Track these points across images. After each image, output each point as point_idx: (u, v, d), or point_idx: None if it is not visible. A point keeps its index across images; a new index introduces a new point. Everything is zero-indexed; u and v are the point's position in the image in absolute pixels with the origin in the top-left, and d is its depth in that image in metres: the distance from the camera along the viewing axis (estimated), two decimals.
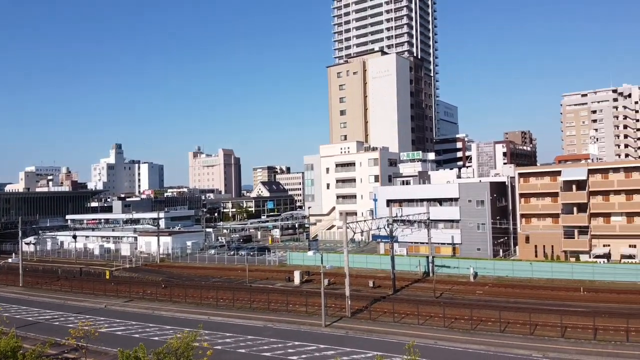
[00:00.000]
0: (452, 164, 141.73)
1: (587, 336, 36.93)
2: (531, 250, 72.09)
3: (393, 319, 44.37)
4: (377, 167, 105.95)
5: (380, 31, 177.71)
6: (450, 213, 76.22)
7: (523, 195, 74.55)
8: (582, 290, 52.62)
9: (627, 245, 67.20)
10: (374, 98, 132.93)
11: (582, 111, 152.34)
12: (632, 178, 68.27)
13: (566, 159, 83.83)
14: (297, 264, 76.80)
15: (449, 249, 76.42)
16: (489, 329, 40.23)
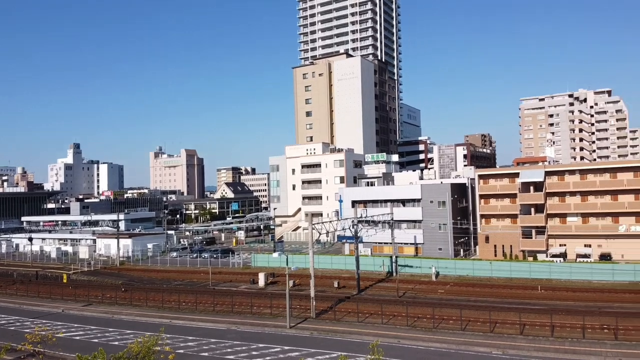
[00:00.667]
0: (415, 165, 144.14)
1: (545, 333, 38.11)
2: (491, 249, 74.03)
3: (357, 318, 44.66)
4: (342, 168, 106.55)
5: (346, 33, 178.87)
6: (413, 214, 77.49)
7: (483, 197, 76.51)
8: (539, 289, 54.32)
9: (582, 244, 69.91)
10: (339, 100, 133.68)
11: (540, 115, 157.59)
12: (587, 180, 71.11)
13: (524, 162, 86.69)
14: (262, 266, 76.29)
15: (411, 248, 77.62)
16: (450, 327, 41.02)
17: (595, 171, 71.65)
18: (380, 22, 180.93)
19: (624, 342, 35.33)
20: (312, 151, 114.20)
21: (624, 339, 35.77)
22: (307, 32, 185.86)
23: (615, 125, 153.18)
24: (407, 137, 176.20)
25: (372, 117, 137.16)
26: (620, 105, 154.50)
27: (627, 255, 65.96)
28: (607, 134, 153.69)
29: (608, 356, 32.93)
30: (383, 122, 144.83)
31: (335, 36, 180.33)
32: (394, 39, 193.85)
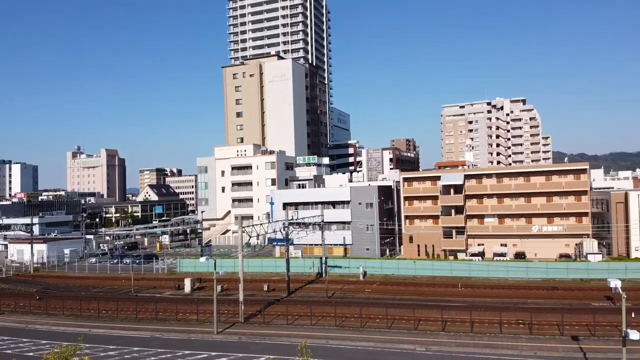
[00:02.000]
0: (344, 168, 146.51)
1: (465, 329, 40.00)
2: (415, 249, 76.83)
3: (286, 321, 44.58)
4: (274, 170, 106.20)
5: (277, 35, 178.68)
6: (343, 215, 78.85)
7: (407, 198, 79.36)
8: (460, 286, 57.01)
9: (498, 244, 74.30)
10: (270, 101, 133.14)
11: (460, 121, 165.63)
12: (503, 183, 75.72)
13: (445, 165, 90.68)
14: (188, 271, 74.19)
15: (341, 249, 78.86)
16: (377, 325, 42.02)
17: (510, 175, 76.49)
18: (311, 26, 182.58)
19: (538, 336, 37.72)
20: (242, 153, 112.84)
21: (538, 333, 38.20)
22: (237, 31, 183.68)
23: (529, 131, 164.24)
24: (338, 140, 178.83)
25: (303, 120, 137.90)
26: (533, 113, 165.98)
27: (540, 254, 70.91)
28: (522, 140, 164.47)
29: (524, 350, 35.05)
30: (314, 125, 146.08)
31: (266, 37, 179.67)
32: (324, 43, 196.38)
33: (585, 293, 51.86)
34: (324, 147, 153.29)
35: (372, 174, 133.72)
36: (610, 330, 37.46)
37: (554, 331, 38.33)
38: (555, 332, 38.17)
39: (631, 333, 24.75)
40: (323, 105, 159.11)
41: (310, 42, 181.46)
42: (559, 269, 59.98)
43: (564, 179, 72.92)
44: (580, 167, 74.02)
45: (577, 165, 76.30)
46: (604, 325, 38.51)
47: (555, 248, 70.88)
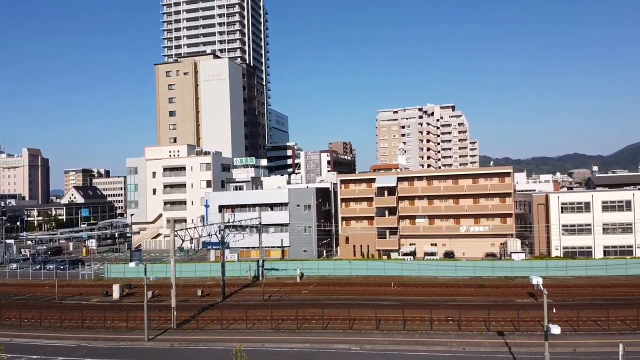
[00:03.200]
0: (283, 170, 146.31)
1: (398, 327, 40.98)
2: (350, 250, 78.00)
3: (221, 326, 43.73)
4: (209, 172, 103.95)
5: (213, 34, 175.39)
6: (281, 217, 78.62)
7: (344, 200, 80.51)
8: (393, 285, 58.41)
9: (429, 243, 76.99)
10: (206, 101, 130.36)
11: (394, 126, 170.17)
12: (433, 185, 78.61)
13: (380, 168, 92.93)
14: (116, 277, 70.97)
15: (278, 252, 78.54)
16: (313, 326, 42.17)
17: (440, 178, 79.58)
18: (249, 26, 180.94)
19: (466, 332, 39.32)
20: (175, 153, 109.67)
21: (466, 329, 39.80)
22: (171, 28, 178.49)
23: (457, 136, 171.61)
24: (276, 142, 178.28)
25: (240, 121, 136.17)
26: (462, 119, 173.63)
27: (467, 253, 74.18)
28: (451, 145, 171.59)
29: (453, 345, 36.41)
30: (252, 126, 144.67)
31: (202, 35, 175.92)
32: (262, 44, 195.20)
33: (509, 290, 54.72)
34: (262, 149, 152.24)
35: (311, 176, 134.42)
36: (533, 325, 39.72)
37: (481, 327, 40.13)
38: (482, 328, 39.98)
39: (552, 328, 26.25)
40: (261, 106, 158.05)
41: (248, 42, 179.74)
42: (485, 267, 62.98)
43: (490, 181, 76.85)
44: (505, 170, 78.35)
45: (501, 168, 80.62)
46: (527, 320, 40.80)
47: (481, 247, 74.47)
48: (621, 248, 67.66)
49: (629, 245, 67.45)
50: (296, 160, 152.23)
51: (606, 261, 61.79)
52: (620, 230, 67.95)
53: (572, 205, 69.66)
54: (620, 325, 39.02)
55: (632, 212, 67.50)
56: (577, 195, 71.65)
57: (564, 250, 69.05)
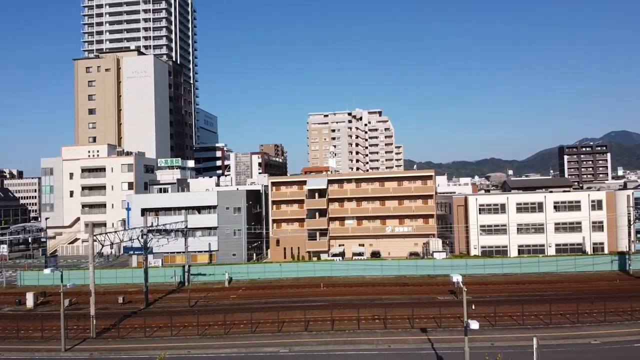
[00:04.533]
0: (211, 172, 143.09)
1: (327, 327, 41.35)
2: (281, 252, 77.78)
3: (144, 334, 41.93)
4: (131, 173, 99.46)
5: (137, 30, 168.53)
6: (209, 220, 76.76)
7: (275, 202, 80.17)
8: (322, 286, 58.94)
9: (357, 244, 78.49)
10: (129, 99, 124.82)
11: (324, 129, 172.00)
12: (362, 188, 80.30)
13: (311, 171, 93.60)
14: (30, 285, 66.13)
15: (206, 256, 76.63)
16: (241, 331, 41.52)
17: (368, 180, 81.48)
18: (176, 23, 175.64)
19: (392, 329, 40.40)
20: (95, 153, 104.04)
21: (391, 327, 40.90)
22: (93, 22, 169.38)
23: (384, 141, 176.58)
24: (204, 143, 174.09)
25: (166, 120, 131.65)
26: (388, 124, 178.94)
27: (393, 253, 76.42)
28: (378, 149, 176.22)
29: (379, 344, 37.27)
30: (178, 126, 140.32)
31: (126, 31, 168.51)
32: (190, 42, 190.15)
33: (432, 288, 56.96)
34: (189, 150, 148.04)
35: (241, 178, 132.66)
36: (454, 322, 41.52)
37: (406, 324, 41.42)
38: (407, 325, 41.27)
39: (472, 323, 27.54)
40: (188, 105, 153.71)
41: (175, 39, 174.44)
42: (409, 266, 65.17)
43: (414, 184, 79.79)
44: (427, 174, 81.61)
45: (424, 172, 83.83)
46: (448, 317, 42.63)
47: (406, 247, 77.05)
48: (534, 247, 72.58)
49: (540, 245, 72.50)
50: (226, 162, 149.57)
51: (520, 259, 66.04)
52: (533, 231, 72.89)
53: (489, 207, 73.82)
54: (534, 320, 41.73)
55: (543, 213, 72.63)
56: (494, 198, 76.02)
57: (482, 249, 72.98)
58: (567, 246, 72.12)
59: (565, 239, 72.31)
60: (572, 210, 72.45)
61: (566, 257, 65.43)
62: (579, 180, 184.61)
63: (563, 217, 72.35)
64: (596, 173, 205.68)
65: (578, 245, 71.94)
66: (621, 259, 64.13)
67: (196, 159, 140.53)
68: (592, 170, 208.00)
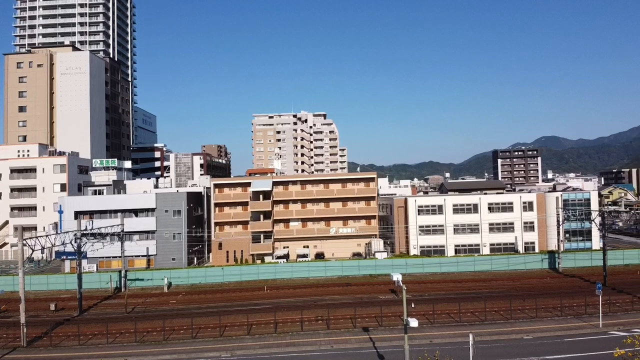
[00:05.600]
0: (150, 173, 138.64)
1: (270, 330, 41.09)
2: (223, 255, 76.53)
3: (79, 341, 39.98)
4: (64, 174, 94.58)
5: (73, 24, 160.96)
6: (147, 224, 74.17)
7: (218, 205, 78.76)
8: (265, 289, 58.56)
9: (302, 246, 78.62)
10: (63, 96, 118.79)
11: (269, 131, 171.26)
12: (307, 189, 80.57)
13: (255, 172, 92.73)
14: None
15: (143, 261, 74.02)
16: (181, 337, 40.48)
17: (313, 182, 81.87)
18: (114, 19, 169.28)
19: (335, 330, 40.72)
20: (25, 153, 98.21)
21: (334, 328, 41.23)
22: (25, 16, 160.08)
23: (329, 143, 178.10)
24: (142, 143, 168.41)
25: (102, 119, 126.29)
26: (333, 127, 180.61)
27: (337, 254, 77.21)
28: (323, 151, 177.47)
29: (322, 344, 37.45)
30: (115, 125, 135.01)
31: (60, 25, 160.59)
32: (128, 39, 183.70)
33: (373, 287, 57.99)
34: (126, 150, 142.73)
35: (181, 180, 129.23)
36: (394, 320, 42.46)
37: (348, 324, 41.92)
38: (349, 325, 41.78)
39: (411, 321, 28.28)
40: (126, 104, 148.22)
41: (112, 36, 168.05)
42: (352, 267, 66.05)
43: (357, 186, 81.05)
44: (370, 176, 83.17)
45: (367, 174, 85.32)
46: (389, 315, 43.54)
47: (349, 247, 78.10)
48: (470, 246, 75.55)
49: (476, 244, 75.57)
50: (165, 163, 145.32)
51: (457, 259, 68.56)
52: (469, 231, 75.87)
53: (428, 208, 76.16)
54: (470, 317, 43.40)
55: (478, 214, 75.77)
56: (432, 199, 78.51)
57: (421, 249, 75.14)
58: (500, 245, 75.62)
59: (499, 239, 75.81)
60: (505, 211, 76.08)
61: (500, 256, 68.60)
62: (511, 183, 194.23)
63: (497, 217, 75.84)
64: (527, 176, 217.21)
65: (511, 245, 75.60)
66: (551, 257, 68.03)
67: (133, 159, 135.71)
68: (523, 174, 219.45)
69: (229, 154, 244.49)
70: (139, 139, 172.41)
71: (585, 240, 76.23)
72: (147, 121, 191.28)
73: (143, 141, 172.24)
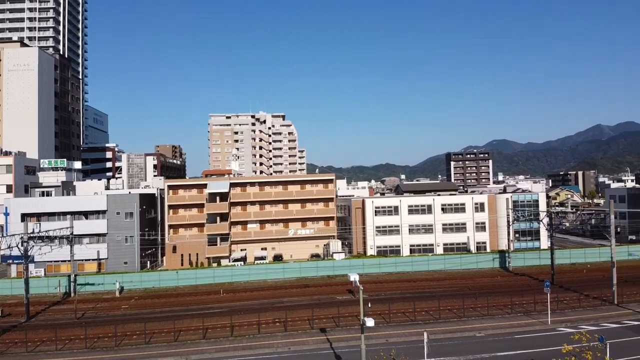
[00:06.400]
0: (101, 174, 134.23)
1: (226, 334, 40.52)
2: (178, 259, 74.92)
3: (26, 349, 38.18)
4: (10, 175, 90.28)
5: (21, 20, 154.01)
6: (97, 227, 71.77)
7: (172, 207, 77.12)
8: (222, 292, 57.73)
9: (259, 248, 78.04)
10: (9, 94, 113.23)
11: (227, 131, 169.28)
12: (265, 191, 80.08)
13: (212, 173, 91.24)
14: None
15: (94, 265, 71.56)
16: (134, 342, 39.33)
17: (271, 184, 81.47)
18: (64, 14, 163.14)
19: (292, 332, 40.60)
20: None
21: (292, 329, 41.10)
22: None
23: (287, 144, 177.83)
24: (93, 142, 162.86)
25: (51, 118, 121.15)
26: (292, 128, 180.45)
27: (295, 255, 77.10)
28: (282, 152, 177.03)
29: (279, 347, 37.24)
30: (64, 124, 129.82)
31: (8, 20, 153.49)
32: (79, 35, 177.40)
33: (331, 288, 58.26)
34: (76, 150, 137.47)
35: (134, 181, 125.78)
36: (351, 320, 42.77)
37: (306, 326, 41.91)
38: (307, 326, 41.78)
39: (367, 321, 28.55)
40: (76, 102, 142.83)
41: (63, 32, 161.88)
42: (310, 268, 66.14)
43: (316, 187, 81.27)
44: (328, 177, 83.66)
45: (326, 176, 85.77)
46: (346, 316, 43.82)
47: (307, 249, 78.17)
48: (424, 246, 77.14)
49: (430, 244, 77.25)
50: (117, 164, 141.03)
51: (412, 258, 69.87)
52: (423, 231, 77.48)
53: (384, 209, 77.29)
54: (425, 315, 44.29)
55: (432, 214, 77.51)
56: (388, 200, 79.73)
57: (378, 249, 76.15)
58: (453, 245, 77.62)
59: (452, 239, 77.80)
60: (458, 212, 78.19)
61: (453, 256, 70.42)
62: (464, 185, 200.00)
63: (450, 218, 77.84)
64: (479, 178, 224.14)
65: (463, 245, 77.73)
66: (501, 257, 70.38)
67: (84, 160, 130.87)
68: (475, 176, 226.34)
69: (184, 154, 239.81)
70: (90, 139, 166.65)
71: (534, 240, 79.33)
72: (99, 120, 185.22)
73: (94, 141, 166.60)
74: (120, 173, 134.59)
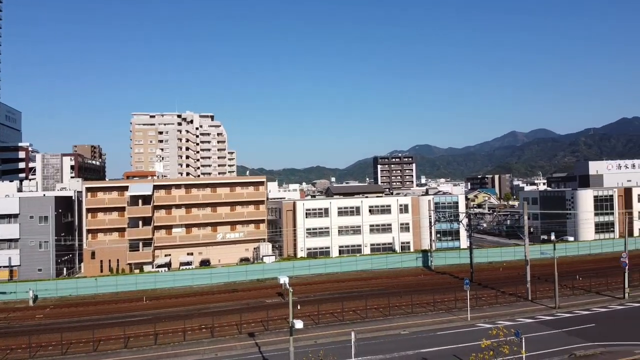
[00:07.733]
0: (12, 175, 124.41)
1: (149, 342, 38.90)
2: (97, 265, 71.06)
3: None
4: None
5: None
6: (9, 231, 66.66)
7: (90, 210, 72.99)
8: (145, 300, 55.47)
9: (185, 253, 75.75)
10: None
11: (151, 131, 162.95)
12: (192, 194, 77.86)
13: (134, 175, 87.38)
14: None
15: (5, 272, 66.38)
16: (49, 353, 36.85)
17: (199, 186, 79.38)
18: None
19: (219, 337, 39.75)
20: None
21: (219, 335, 40.25)
22: None
23: (216, 146, 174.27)
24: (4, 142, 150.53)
25: None
26: (221, 129, 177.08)
27: (223, 260, 75.58)
28: (210, 153, 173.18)
29: (205, 353, 36.29)
30: None
31: None
32: None
33: (261, 292, 57.82)
34: None
35: (49, 183, 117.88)
36: (280, 323, 42.65)
37: (234, 331, 41.22)
38: (235, 331, 41.11)
39: (296, 323, 28.58)
40: None
41: None
42: (239, 272, 65.26)
43: (246, 190, 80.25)
44: (259, 180, 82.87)
45: (256, 178, 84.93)
46: (275, 319, 43.63)
47: (237, 253, 76.96)
48: (352, 247, 78.63)
49: (358, 245, 78.87)
50: (31, 164, 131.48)
51: (341, 259, 70.98)
52: (352, 232, 78.97)
53: (315, 211, 77.96)
54: (352, 315, 45.06)
55: (360, 216, 79.20)
56: (319, 202, 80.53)
57: (308, 251, 76.60)
58: (380, 246, 79.78)
59: (379, 239, 79.95)
60: (384, 213, 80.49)
61: (379, 256, 72.37)
62: (389, 187, 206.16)
63: (376, 219, 79.95)
64: (404, 181, 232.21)
65: (389, 245, 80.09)
66: (424, 256, 73.24)
67: None
68: (400, 178, 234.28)
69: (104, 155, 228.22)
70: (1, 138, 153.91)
71: (454, 240, 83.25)
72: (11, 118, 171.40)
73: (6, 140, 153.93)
74: (34, 174, 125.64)
